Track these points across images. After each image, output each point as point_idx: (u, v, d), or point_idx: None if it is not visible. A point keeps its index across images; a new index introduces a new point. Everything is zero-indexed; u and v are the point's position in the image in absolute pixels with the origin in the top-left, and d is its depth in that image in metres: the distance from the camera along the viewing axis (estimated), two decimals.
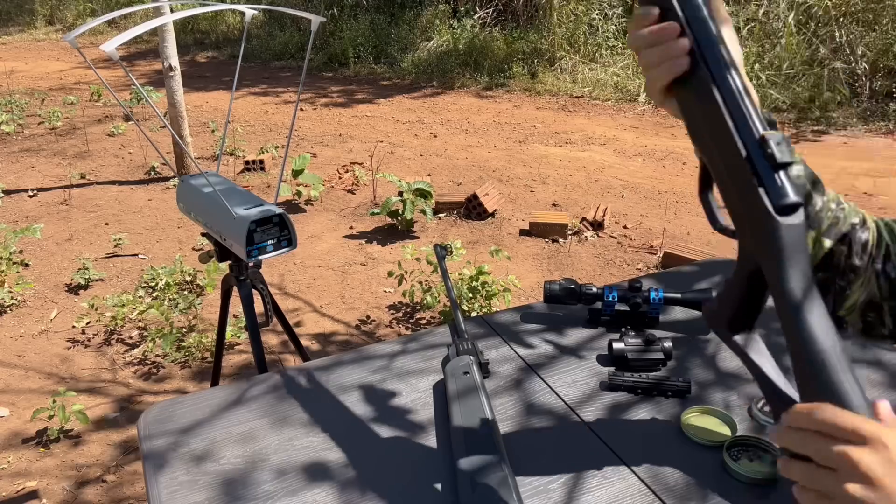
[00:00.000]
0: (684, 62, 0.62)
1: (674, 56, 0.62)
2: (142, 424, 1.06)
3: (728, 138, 0.60)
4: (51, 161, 5.42)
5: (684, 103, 0.64)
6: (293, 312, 3.21)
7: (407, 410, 1.07)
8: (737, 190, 0.60)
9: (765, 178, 0.58)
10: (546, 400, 1.10)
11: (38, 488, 2.20)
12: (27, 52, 10.27)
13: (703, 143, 0.63)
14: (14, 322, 3.16)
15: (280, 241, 1.47)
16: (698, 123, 0.63)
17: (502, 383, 1.14)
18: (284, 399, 1.10)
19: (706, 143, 0.63)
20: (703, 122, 0.62)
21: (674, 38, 0.62)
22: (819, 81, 6.35)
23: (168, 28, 4.60)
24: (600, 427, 1.03)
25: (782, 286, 0.57)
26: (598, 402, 1.09)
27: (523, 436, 1.01)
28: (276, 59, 9.40)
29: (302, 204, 4.54)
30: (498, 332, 1.28)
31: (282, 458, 0.97)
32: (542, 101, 7.19)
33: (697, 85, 0.62)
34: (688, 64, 0.62)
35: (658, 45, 0.63)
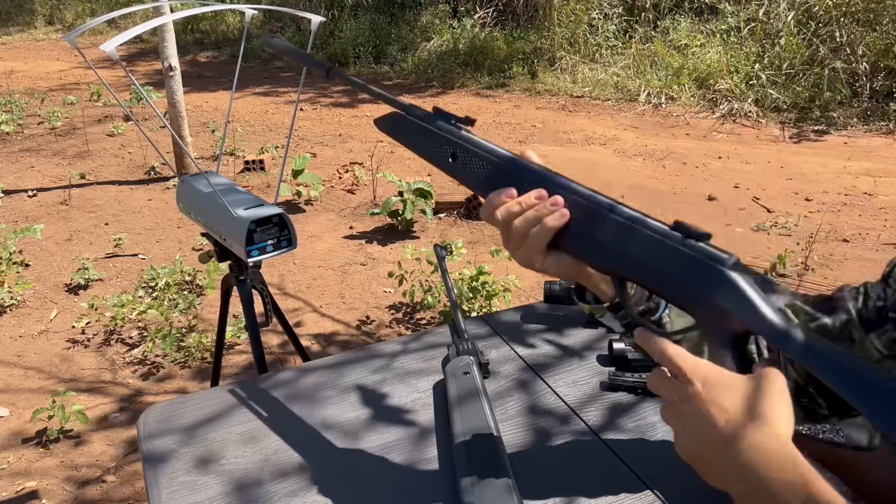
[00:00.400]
0: (566, 212, 0.68)
1: (551, 211, 0.68)
2: (142, 424, 1.06)
3: (648, 241, 0.64)
4: (50, 161, 5.41)
5: (577, 244, 0.69)
6: (293, 312, 3.21)
7: (407, 411, 1.07)
8: (676, 275, 0.63)
9: (700, 250, 0.62)
10: (546, 400, 1.09)
11: (38, 488, 2.20)
12: (27, 52, 10.27)
13: (621, 263, 0.67)
14: (14, 322, 3.16)
15: (280, 242, 1.47)
16: (606, 253, 0.67)
17: (502, 384, 1.14)
18: (285, 399, 1.10)
19: (626, 260, 0.66)
20: (612, 247, 0.66)
21: (546, 197, 0.69)
22: (819, 81, 6.35)
23: (168, 28, 4.60)
24: (601, 427, 1.03)
25: (762, 317, 0.59)
26: (598, 403, 1.09)
27: (524, 436, 1.01)
28: (277, 59, 9.40)
29: (302, 204, 4.54)
30: (498, 333, 1.28)
31: (282, 459, 0.97)
32: (542, 100, 7.19)
33: (587, 223, 0.68)
34: (569, 213, 0.68)
35: (531, 210, 0.69)
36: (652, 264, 0.64)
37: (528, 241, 0.70)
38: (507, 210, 0.70)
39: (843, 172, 4.98)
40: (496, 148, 0.75)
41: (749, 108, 6.39)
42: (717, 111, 6.49)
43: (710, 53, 7.04)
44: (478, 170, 0.75)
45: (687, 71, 7.01)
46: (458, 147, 0.77)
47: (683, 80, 6.95)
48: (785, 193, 4.64)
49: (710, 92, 6.76)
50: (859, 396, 0.53)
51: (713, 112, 6.51)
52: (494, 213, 0.72)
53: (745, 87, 6.58)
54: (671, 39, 7.57)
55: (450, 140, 0.78)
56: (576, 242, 0.69)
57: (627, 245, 0.65)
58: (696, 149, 5.60)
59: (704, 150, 5.55)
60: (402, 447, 0.99)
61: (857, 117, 6.05)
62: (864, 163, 5.16)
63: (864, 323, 0.80)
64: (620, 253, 0.66)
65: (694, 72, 6.99)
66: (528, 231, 0.70)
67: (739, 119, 6.33)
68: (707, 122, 6.33)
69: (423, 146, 0.81)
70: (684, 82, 6.92)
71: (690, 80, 6.94)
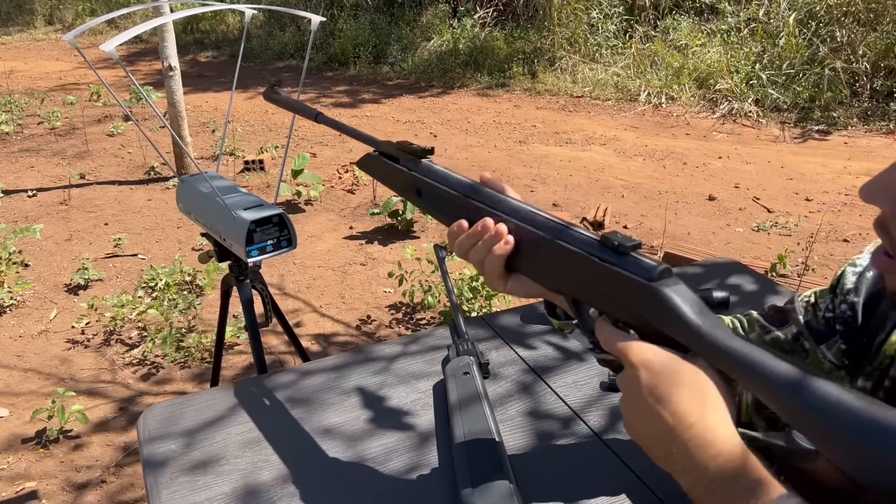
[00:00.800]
0: (510, 239, 0.70)
1: (497, 240, 0.70)
2: (141, 425, 1.05)
3: (579, 260, 0.64)
4: (50, 161, 5.41)
5: (529, 268, 0.70)
6: (293, 313, 3.21)
7: (407, 411, 1.07)
8: (608, 292, 0.63)
9: (624, 264, 0.61)
10: (547, 401, 1.09)
11: (37, 489, 2.19)
12: (27, 52, 10.27)
13: (562, 284, 0.68)
14: (13, 322, 3.16)
15: (280, 242, 1.47)
16: (552, 275, 0.68)
17: (503, 384, 1.13)
18: (285, 400, 1.10)
19: (564, 280, 0.67)
20: (552, 268, 0.67)
21: (491, 228, 0.70)
22: (820, 81, 6.35)
23: (168, 28, 4.60)
24: (601, 428, 1.03)
25: (691, 328, 0.57)
26: (599, 403, 1.08)
27: (524, 437, 1.01)
28: (277, 59, 9.40)
29: (302, 204, 4.54)
30: (498, 333, 1.28)
31: (282, 459, 0.97)
32: (542, 100, 7.19)
33: (531, 247, 0.69)
34: (513, 239, 0.70)
35: (480, 240, 0.71)
36: (586, 283, 0.64)
37: (485, 269, 0.72)
38: (461, 243, 0.73)
39: (843, 172, 4.98)
40: (453, 176, 0.77)
41: (749, 108, 6.38)
42: (718, 111, 6.49)
43: (710, 53, 7.04)
44: (440, 203, 0.77)
45: (687, 71, 7.01)
46: (421, 182, 0.79)
47: (684, 80, 6.94)
48: (785, 193, 4.63)
49: (711, 92, 6.76)
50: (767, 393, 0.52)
51: (713, 112, 6.51)
52: (453, 245, 0.74)
53: (746, 87, 6.58)
54: (671, 39, 7.57)
55: (413, 177, 0.80)
56: (525, 266, 0.71)
57: (563, 265, 0.66)
58: (697, 149, 5.59)
59: (705, 150, 5.54)
60: (402, 448, 0.99)
61: (858, 117, 6.05)
62: (865, 163, 5.16)
63: (815, 334, 0.79)
64: (559, 273, 0.67)
65: (694, 72, 6.98)
66: (482, 260, 0.71)
67: (740, 119, 6.33)
68: (707, 122, 6.33)
69: (392, 183, 0.84)
70: (684, 82, 6.92)
71: (691, 80, 6.94)
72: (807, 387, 0.50)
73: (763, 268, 3.33)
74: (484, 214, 0.72)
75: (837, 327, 0.77)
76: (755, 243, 3.91)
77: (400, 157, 0.82)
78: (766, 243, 3.90)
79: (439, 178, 0.78)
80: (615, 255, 0.62)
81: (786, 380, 0.51)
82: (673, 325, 0.58)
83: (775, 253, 3.61)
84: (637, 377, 0.57)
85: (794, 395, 0.51)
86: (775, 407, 0.52)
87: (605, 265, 0.62)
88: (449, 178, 0.77)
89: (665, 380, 0.56)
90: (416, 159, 0.80)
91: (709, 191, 4.66)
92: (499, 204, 0.72)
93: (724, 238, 3.98)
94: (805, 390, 0.50)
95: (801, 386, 0.51)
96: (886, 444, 0.47)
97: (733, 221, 4.22)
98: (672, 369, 0.56)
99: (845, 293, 0.76)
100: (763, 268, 3.33)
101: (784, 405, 0.52)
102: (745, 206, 4.43)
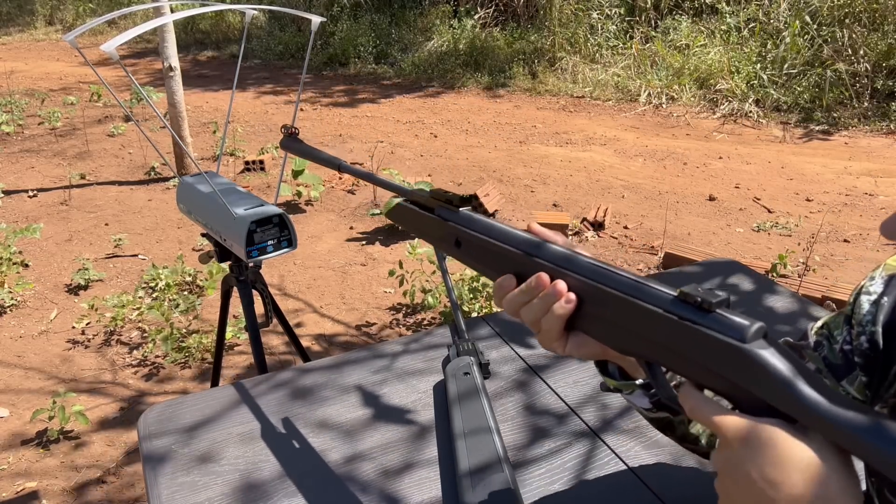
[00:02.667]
0: (572, 297, 0.62)
1: (556, 298, 0.62)
2: (142, 425, 1.05)
3: (656, 318, 0.57)
4: (51, 161, 5.41)
5: (593, 327, 0.63)
6: (293, 313, 3.21)
7: (407, 411, 1.07)
8: (693, 356, 0.55)
9: (709, 323, 0.54)
10: (547, 400, 1.09)
11: (38, 489, 2.19)
12: (27, 53, 10.27)
13: (637, 345, 0.60)
14: (14, 322, 3.16)
15: (280, 242, 1.47)
16: (622, 334, 0.61)
17: (503, 384, 1.13)
18: (285, 400, 1.10)
19: (641, 342, 0.59)
20: (625, 328, 0.60)
21: (547, 284, 0.63)
22: (821, 81, 6.35)
23: (168, 28, 4.60)
24: (601, 427, 1.03)
25: (801, 400, 0.50)
26: (598, 403, 1.08)
27: (524, 436, 1.01)
28: (277, 59, 9.40)
29: (302, 204, 4.54)
30: (498, 333, 1.28)
31: (282, 459, 0.97)
32: (542, 101, 7.19)
33: (596, 305, 0.61)
34: (576, 298, 0.62)
35: (536, 298, 0.64)
36: (663, 344, 0.57)
37: (542, 330, 0.65)
38: (511, 300, 0.66)
39: (843, 173, 4.98)
40: (497, 227, 0.71)
41: (750, 108, 6.38)
42: (718, 111, 6.49)
43: (710, 54, 7.04)
44: (483, 255, 0.71)
45: (688, 71, 7.01)
46: (460, 233, 0.73)
47: (684, 80, 6.94)
48: (785, 194, 4.63)
49: (711, 92, 6.76)
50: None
51: (714, 112, 6.51)
52: (500, 301, 0.67)
53: (746, 88, 6.58)
54: (672, 39, 7.57)
55: (451, 227, 0.74)
56: (590, 326, 0.63)
57: (635, 324, 0.59)
58: (697, 149, 5.59)
59: (705, 151, 5.54)
60: (403, 448, 0.99)
61: (859, 118, 6.05)
62: (865, 163, 5.16)
63: (833, 370, 0.74)
64: (630, 333, 0.59)
65: (694, 72, 6.99)
66: (537, 320, 0.64)
67: (740, 119, 6.33)
68: (708, 123, 6.33)
69: (427, 234, 0.78)
70: (685, 83, 6.92)
71: (691, 81, 6.94)
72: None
73: (763, 268, 3.33)
74: (536, 268, 0.65)
75: (856, 360, 0.72)
76: (755, 243, 3.91)
77: (434, 207, 0.76)
78: (766, 243, 3.90)
79: (482, 228, 0.71)
80: (698, 312, 0.54)
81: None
82: (774, 393, 0.50)
83: (775, 253, 3.61)
84: (742, 458, 0.50)
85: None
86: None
87: (686, 324, 0.54)
88: (493, 228, 0.70)
89: (777, 461, 0.48)
90: (454, 208, 0.74)
91: (709, 191, 4.66)
92: (553, 256, 0.65)
93: (725, 238, 3.98)
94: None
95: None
96: None
97: (734, 222, 4.22)
98: (784, 448, 0.49)
99: (863, 324, 0.72)
100: (763, 268, 3.33)
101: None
102: (745, 207, 4.43)
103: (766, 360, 0.50)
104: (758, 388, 0.51)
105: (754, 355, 0.50)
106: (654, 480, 0.92)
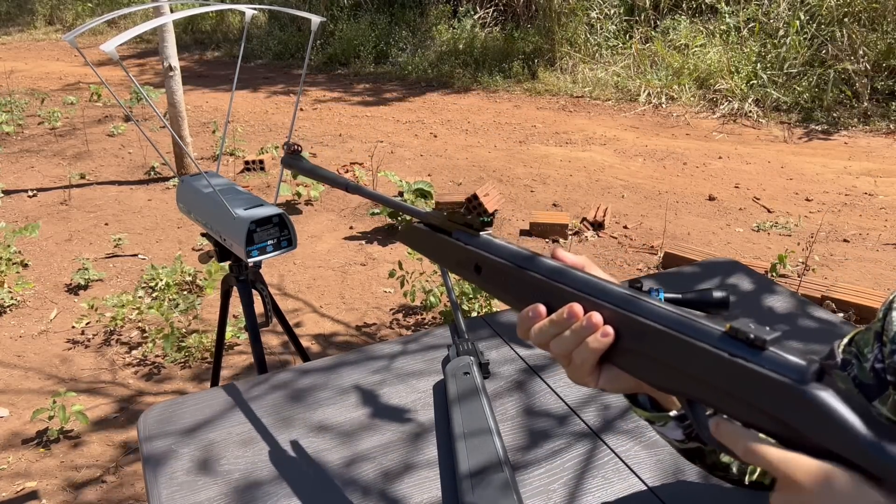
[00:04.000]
0: (609, 331, 0.57)
1: (590, 331, 0.57)
2: (142, 425, 1.05)
3: (704, 355, 0.53)
4: (50, 161, 5.41)
5: (629, 362, 0.58)
6: (293, 313, 3.21)
7: (407, 411, 1.07)
8: (744, 396, 0.51)
9: (762, 361, 0.50)
10: (546, 400, 1.09)
11: (37, 489, 2.19)
12: (27, 52, 10.27)
13: (680, 384, 0.55)
14: (14, 322, 3.16)
15: (280, 242, 1.47)
16: (662, 371, 0.56)
17: (503, 384, 1.13)
18: (285, 400, 1.10)
19: (684, 380, 0.55)
20: (667, 365, 0.55)
21: (580, 315, 0.58)
22: (820, 81, 6.35)
23: (168, 28, 4.60)
24: (601, 427, 1.03)
25: (868, 449, 0.47)
26: (598, 403, 1.08)
27: (524, 436, 1.01)
28: (277, 59, 9.40)
29: (302, 204, 4.54)
30: (498, 333, 1.28)
31: (282, 459, 0.97)
32: (542, 101, 7.19)
33: (634, 339, 0.57)
34: (613, 332, 0.57)
35: (568, 330, 0.59)
36: (707, 381, 0.53)
37: (572, 364, 0.60)
38: (539, 331, 0.61)
39: (843, 172, 4.98)
40: (521, 252, 0.66)
41: (749, 108, 6.38)
42: (718, 111, 6.49)
43: (710, 53, 7.04)
44: (505, 282, 0.66)
45: (687, 71, 7.01)
46: (481, 259, 0.68)
47: (684, 80, 6.94)
48: (785, 193, 4.64)
49: (711, 92, 6.76)
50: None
51: (713, 112, 6.51)
52: (528, 333, 0.62)
53: (746, 88, 6.58)
54: (671, 39, 7.57)
55: (471, 252, 0.69)
56: (627, 361, 0.58)
57: (682, 362, 0.54)
58: (697, 149, 5.60)
59: (705, 151, 5.54)
60: (403, 447, 0.99)
61: (858, 117, 6.05)
62: (865, 163, 5.16)
63: (864, 389, 0.72)
64: (671, 369, 0.55)
65: (694, 72, 6.99)
66: (568, 353, 0.59)
67: (740, 119, 6.33)
68: (707, 123, 6.33)
69: (442, 259, 0.74)
70: (684, 82, 6.92)
71: (691, 81, 6.94)
72: None
73: (763, 268, 3.33)
74: (567, 297, 0.60)
75: (889, 378, 0.70)
76: (755, 243, 3.91)
77: (452, 231, 0.72)
78: (766, 243, 3.90)
79: (505, 254, 0.67)
80: (749, 349, 0.50)
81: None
82: (836, 438, 0.47)
83: (775, 253, 3.61)
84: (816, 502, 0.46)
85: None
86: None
87: (738, 362, 0.50)
88: (517, 254, 0.66)
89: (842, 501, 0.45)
90: (475, 232, 0.70)
91: (709, 191, 4.67)
92: (585, 285, 0.60)
93: (724, 238, 3.98)
94: None
95: None
96: None
97: (733, 221, 4.22)
98: (862, 498, 0.45)
99: (894, 341, 0.69)
100: (763, 268, 3.33)
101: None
102: (745, 207, 4.43)
103: (828, 405, 0.47)
104: (814, 429, 0.48)
105: (815, 399, 0.47)
106: (653, 479, 0.92)
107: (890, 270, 3.58)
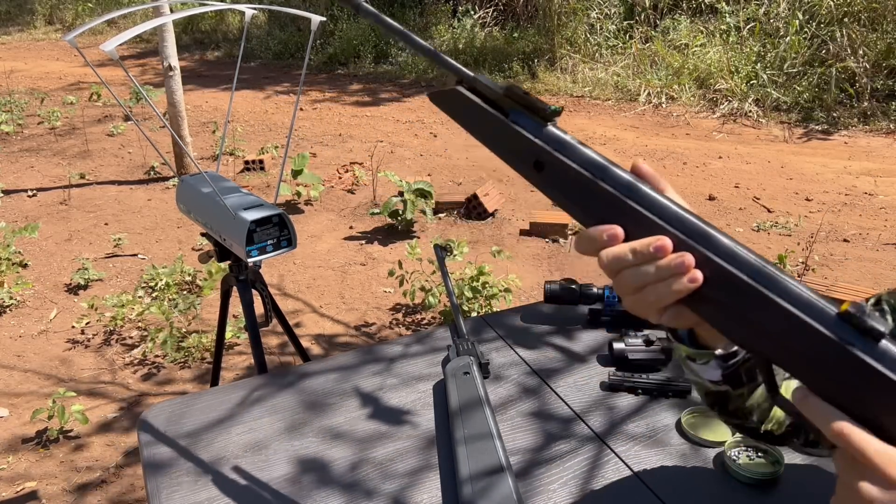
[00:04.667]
0: (698, 276, 0.51)
1: (678, 273, 0.51)
2: (142, 425, 1.05)
3: (810, 334, 0.48)
4: (50, 161, 5.41)
5: (712, 312, 0.53)
6: (293, 313, 3.21)
7: (407, 411, 1.07)
8: (848, 380, 0.48)
9: (874, 353, 0.47)
10: (546, 400, 1.09)
11: (37, 489, 2.19)
12: (27, 52, 10.27)
13: (770, 349, 0.51)
14: (13, 322, 3.16)
15: (280, 242, 1.47)
16: (752, 332, 0.51)
17: (503, 384, 1.13)
18: (285, 400, 1.10)
19: (777, 348, 0.51)
20: (760, 329, 0.51)
21: (669, 251, 0.52)
22: (820, 81, 6.35)
23: (168, 28, 4.60)
24: (601, 427, 1.03)
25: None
26: (598, 403, 1.08)
27: (524, 436, 1.01)
28: (277, 59, 9.40)
29: (302, 204, 4.54)
30: (498, 333, 1.28)
31: (282, 459, 0.97)
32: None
33: (725, 292, 0.51)
34: (702, 278, 0.51)
35: (651, 265, 0.52)
36: (806, 357, 0.49)
37: (642, 297, 0.54)
38: (615, 257, 0.54)
39: (843, 172, 4.98)
40: (597, 158, 0.56)
41: (749, 107, 6.38)
42: (718, 111, 6.49)
43: (710, 53, 7.04)
44: (572, 190, 0.56)
45: (687, 71, 7.01)
46: (545, 155, 0.56)
47: (684, 79, 6.94)
48: (785, 193, 4.63)
49: (711, 92, 6.76)
50: None
51: (713, 112, 6.51)
52: (598, 254, 0.55)
53: (746, 87, 6.58)
54: (671, 39, 7.57)
55: (536, 146, 0.57)
56: (709, 311, 0.53)
57: (780, 331, 0.49)
58: (697, 149, 5.60)
59: (705, 150, 5.54)
60: (403, 447, 0.99)
61: (858, 117, 6.05)
62: (865, 163, 5.16)
63: None
64: (770, 338, 0.50)
65: (694, 71, 6.99)
66: (642, 286, 0.53)
67: (740, 119, 6.33)
68: (707, 122, 6.33)
69: (495, 142, 0.59)
70: (684, 82, 6.92)
71: (691, 80, 6.94)
72: None
73: None
74: (650, 226, 0.53)
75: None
76: (755, 243, 3.91)
77: (509, 110, 0.58)
78: (766, 243, 3.90)
79: (574, 153, 0.56)
80: (862, 339, 0.47)
81: None
82: None
83: (775, 253, 3.61)
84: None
85: None
86: None
87: (850, 350, 0.47)
88: (588, 156, 0.56)
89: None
90: (541, 122, 0.57)
91: (709, 191, 4.67)
92: (674, 219, 0.53)
93: None
94: None
95: None
96: None
97: (733, 221, 4.22)
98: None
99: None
100: None
101: None
102: (745, 206, 4.43)
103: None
104: None
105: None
106: (654, 479, 0.92)
107: (890, 270, 3.58)
